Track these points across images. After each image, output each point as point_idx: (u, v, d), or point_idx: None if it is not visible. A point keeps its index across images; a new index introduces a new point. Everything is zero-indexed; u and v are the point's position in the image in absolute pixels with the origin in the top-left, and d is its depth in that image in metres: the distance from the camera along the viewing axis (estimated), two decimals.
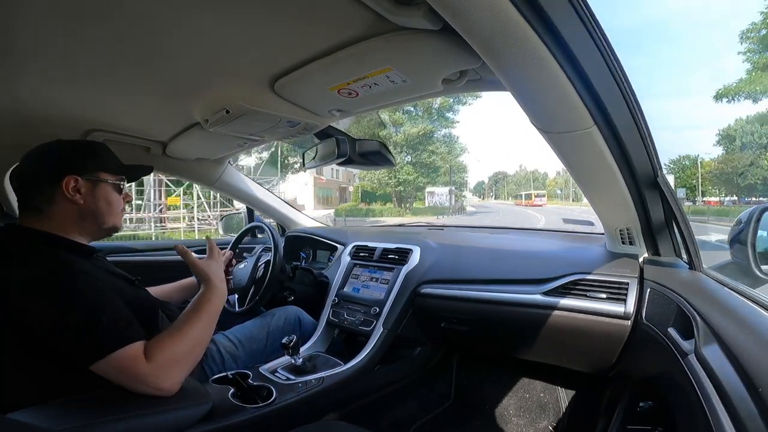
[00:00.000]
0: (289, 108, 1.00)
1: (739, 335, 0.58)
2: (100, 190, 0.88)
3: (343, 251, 1.64)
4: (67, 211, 0.84)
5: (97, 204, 0.87)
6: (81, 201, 0.84)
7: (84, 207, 0.85)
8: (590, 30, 0.57)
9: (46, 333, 0.71)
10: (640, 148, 0.83)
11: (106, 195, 0.89)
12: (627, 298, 1.01)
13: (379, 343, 1.27)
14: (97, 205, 0.87)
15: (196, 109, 1.04)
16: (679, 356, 0.70)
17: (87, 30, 0.68)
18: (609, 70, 0.65)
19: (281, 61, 0.81)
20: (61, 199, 0.83)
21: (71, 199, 0.83)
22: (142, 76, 0.88)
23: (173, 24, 0.67)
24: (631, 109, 0.74)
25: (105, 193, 0.89)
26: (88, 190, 0.86)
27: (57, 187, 0.82)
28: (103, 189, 0.88)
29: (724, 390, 0.51)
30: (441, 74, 0.78)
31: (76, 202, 0.84)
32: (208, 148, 1.44)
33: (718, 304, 0.70)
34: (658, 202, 0.95)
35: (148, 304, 0.94)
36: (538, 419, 1.45)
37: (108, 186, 0.89)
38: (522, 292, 1.16)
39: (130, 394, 0.74)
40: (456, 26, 0.54)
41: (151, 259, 1.82)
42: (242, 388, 0.94)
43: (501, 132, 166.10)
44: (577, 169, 0.92)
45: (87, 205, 0.85)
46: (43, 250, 0.79)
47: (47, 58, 0.78)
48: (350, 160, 1.26)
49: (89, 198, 0.86)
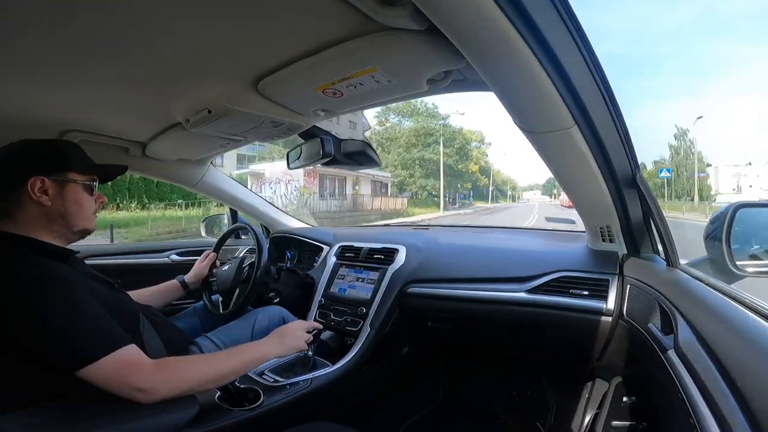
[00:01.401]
0: (272, 108, 0.98)
1: (716, 330, 0.60)
2: (68, 191, 0.84)
3: (329, 252, 1.64)
4: (35, 214, 0.80)
5: (65, 206, 0.83)
6: (48, 203, 0.80)
7: (52, 209, 0.81)
8: (571, 30, 0.58)
9: (29, 340, 0.68)
10: (618, 148, 0.85)
11: (75, 196, 0.85)
12: (608, 294, 1.03)
13: (367, 344, 1.27)
14: (66, 207, 0.83)
15: (176, 109, 1.02)
16: (660, 351, 0.71)
17: (61, 27, 0.65)
18: (588, 70, 0.66)
19: (265, 61, 0.80)
20: (28, 202, 0.79)
21: (38, 200, 0.79)
22: (120, 76, 0.85)
23: (153, 22, 0.65)
24: (609, 109, 0.76)
25: (74, 194, 0.85)
26: (56, 191, 0.82)
27: (22, 190, 0.78)
28: (72, 190, 0.84)
29: (704, 384, 0.52)
30: (426, 74, 0.78)
31: (43, 204, 0.80)
32: (189, 149, 1.41)
33: (696, 300, 0.72)
34: (636, 201, 0.98)
35: (129, 308, 0.92)
36: (526, 416, 1.47)
37: (77, 186, 0.85)
38: (507, 290, 1.17)
39: (115, 400, 0.72)
40: (441, 26, 0.55)
41: (131, 262, 1.78)
42: (229, 391, 0.92)
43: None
44: (559, 169, 0.93)
45: (55, 206, 0.81)
46: (18, 253, 0.76)
47: (19, 57, 0.74)
48: (335, 160, 1.26)
49: (57, 200, 0.82)
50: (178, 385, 0.76)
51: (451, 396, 1.61)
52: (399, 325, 1.34)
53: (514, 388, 1.56)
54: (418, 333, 1.42)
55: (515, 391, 1.55)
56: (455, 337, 1.38)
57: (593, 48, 0.63)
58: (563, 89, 0.66)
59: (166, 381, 0.75)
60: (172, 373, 0.77)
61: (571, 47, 0.61)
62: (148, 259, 1.82)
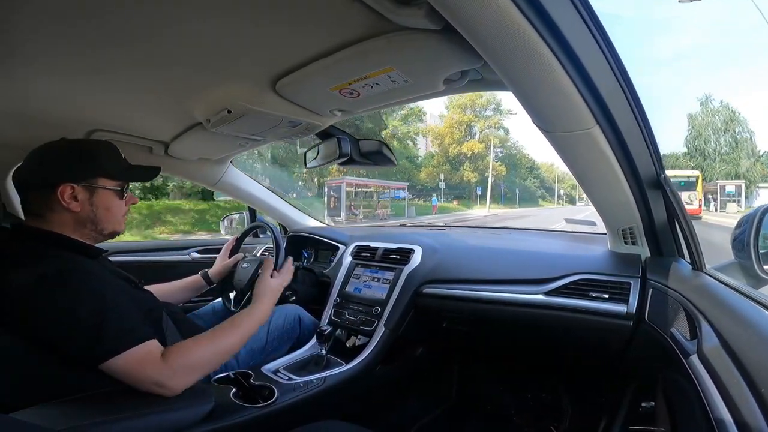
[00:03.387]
0: (290, 108, 1.00)
1: (742, 336, 0.58)
2: (98, 197, 0.85)
3: (345, 251, 1.64)
4: (66, 218, 0.82)
5: (95, 212, 0.84)
6: (78, 209, 0.82)
7: (81, 214, 0.83)
8: (592, 29, 0.57)
9: (56, 332, 0.71)
10: (642, 148, 0.83)
11: (105, 202, 0.86)
12: (629, 298, 1.00)
13: (381, 343, 1.27)
14: (96, 213, 0.84)
15: (198, 110, 1.05)
16: (682, 356, 0.69)
17: (90, 30, 0.68)
18: (611, 69, 0.65)
19: (282, 61, 0.81)
20: (57, 206, 0.81)
21: (67, 207, 0.81)
22: (145, 77, 0.88)
23: (175, 24, 0.67)
24: (633, 108, 0.74)
25: (104, 200, 0.86)
26: (86, 197, 0.83)
27: (53, 194, 0.80)
28: (102, 196, 0.85)
29: (727, 391, 0.51)
30: (442, 74, 0.78)
31: (72, 210, 0.81)
32: (209, 148, 1.44)
33: (722, 305, 0.70)
34: (660, 202, 0.95)
35: (152, 305, 0.95)
36: (540, 419, 1.45)
37: (107, 192, 0.86)
38: (524, 292, 1.15)
39: (131, 394, 0.74)
40: (457, 26, 0.54)
41: (153, 259, 1.83)
42: (244, 388, 0.94)
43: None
44: (579, 169, 0.91)
45: (84, 212, 0.83)
46: (51, 250, 0.79)
47: (50, 59, 0.78)
48: (352, 160, 1.26)
49: (86, 205, 0.83)
50: (194, 370, 0.79)
51: (464, 397, 1.60)
52: (414, 326, 1.34)
53: (528, 391, 1.54)
54: (432, 334, 1.41)
55: (530, 393, 1.53)
56: (470, 339, 1.37)
57: (614, 46, 0.62)
58: (584, 89, 0.65)
59: (182, 369, 0.77)
60: (184, 361, 0.78)
61: (591, 45, 0.60)
62: (169, 256, 1.87)
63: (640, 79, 28.49)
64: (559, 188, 53.26)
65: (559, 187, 53.13)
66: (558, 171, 51.54)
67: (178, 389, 0.76)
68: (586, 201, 36.57)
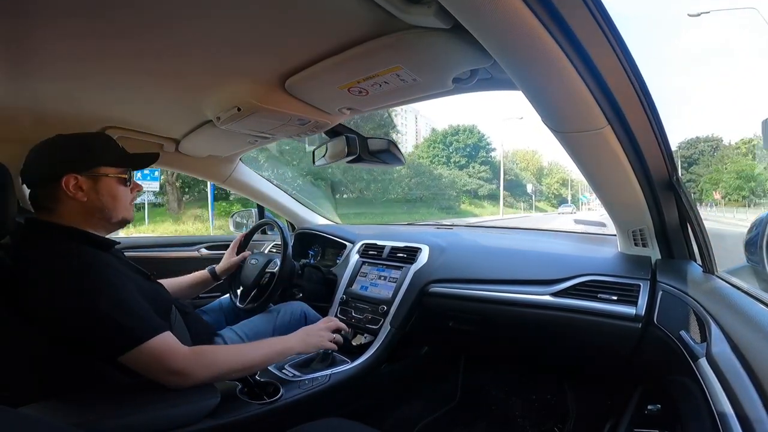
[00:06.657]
0: (299, 106, 1.00)
1: (753, 340, 0.57)
2: (102, 185, 0.86)
3: (352, 249, 1.65)
4: (74, 209, 0.84)
5: (101, 200, 0.86)
6: (84, 198, 0.83)
7: (88, 204, 0.84)
8: (604, 28, 0.56)
9: (73, 325, 0.72)
10: (654, 149, 0.82)
11: (110, 189, 0.87)
12: (638, 300, 0.99)
13: (386, 342, 1.27)
14: (102, 201, 0.86)
15: (208, 107, 1.06)
16: (690, 359, 0.69)
17: (102, 28, 0.69)
18: (622, 68, 0.64)
19: (292, 60, 0.81)
20: (64, 198, 0.82)
21: (74, 197, 0.82)
22: (157, 75, 0.89)
23: (186, 22, 0.68)
24: (645, 109, 0.73)
25: (108, 187, 0.87)
26: (90, 186, 0.84)
27: (59, 186, 0.81)
28: (106, 183, 0.87)
29: (735, 394, 0.50)
30: (452, 73, 0.77)
31: (79, 200, 0.83)
32: (219, 146, 1.45)
33: (733, 308, 0.69)
34: (672, 204, 0.94)
35: (163, 298, 0.96)
36: (544, 421, 1.44)
37: (110, 180, 0.88)
38: (531, 293, 1.15)
39: (138, 389, 0.75)
40: (466, 25, 0.54)
41: (163, 254, 1.85)
42: (249, 384, 0.95)
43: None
44: (589, 170, 0.91)
45: (91, 201, 0.85)
46: (65, 243, 0.80)
47: (64, 57, 0.79)
48: (360, 158, 1.26)
49: (92, 194, 0.85)
50: (213, 370, 0.81)
51: (468, 397, 1.59)
52: (419, 325, 1.34)
53: (533, 392, 1.53)
54: (438, 333, 1.41)
55: (535, 395, 1.52)
56: (476, 339, 1.36)
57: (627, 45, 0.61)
58: (595, 89, 0.64)
59: (203, 366, 0.79)
60: (208, 359, 0.81)
61: (603, 45, 0.59)
62: (179, 252, 1.89)
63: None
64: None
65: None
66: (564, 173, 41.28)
67: (197, 380, 0.78)
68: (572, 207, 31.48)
